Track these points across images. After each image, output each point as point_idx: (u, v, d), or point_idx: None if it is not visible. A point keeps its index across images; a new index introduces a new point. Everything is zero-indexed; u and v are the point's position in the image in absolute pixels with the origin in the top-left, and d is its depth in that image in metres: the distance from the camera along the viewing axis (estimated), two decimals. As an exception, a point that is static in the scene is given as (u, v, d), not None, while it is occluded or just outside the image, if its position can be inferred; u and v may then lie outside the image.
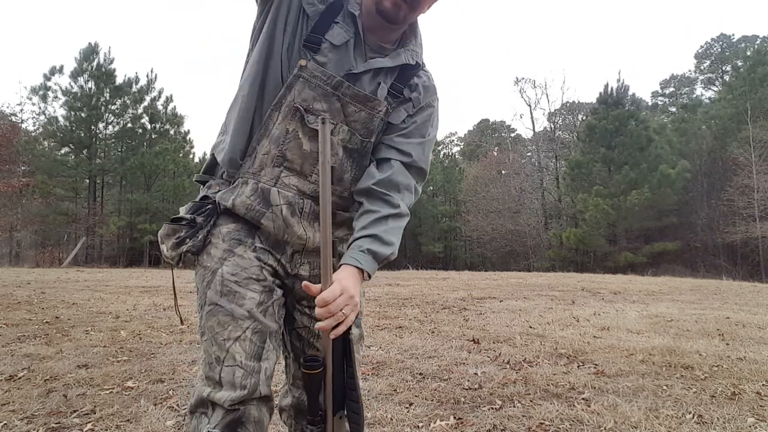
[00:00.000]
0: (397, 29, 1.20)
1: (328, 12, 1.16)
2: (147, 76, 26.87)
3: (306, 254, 1.20)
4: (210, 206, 1.17)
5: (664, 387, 2.87)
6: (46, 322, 4.93)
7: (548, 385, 2.93)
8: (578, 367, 3.35)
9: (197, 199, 1.21)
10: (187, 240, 1.13)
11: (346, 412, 1.05)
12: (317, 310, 0.99)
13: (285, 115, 1.14)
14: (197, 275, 1.17)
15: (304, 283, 1.04)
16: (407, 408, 2.55)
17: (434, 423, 2.36)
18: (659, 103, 44.52)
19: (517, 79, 36.43)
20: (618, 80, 26.56)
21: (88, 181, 25.96)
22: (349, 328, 1.04)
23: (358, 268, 1.08)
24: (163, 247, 1.15)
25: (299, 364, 1.23)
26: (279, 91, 1.14)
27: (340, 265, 1.08)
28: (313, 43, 1.14)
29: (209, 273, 1.13)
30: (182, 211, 1.18)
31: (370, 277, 1.10)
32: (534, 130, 36.16)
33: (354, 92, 1.15)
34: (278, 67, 1.16)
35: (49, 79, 24.59)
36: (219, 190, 1.17)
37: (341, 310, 1.00)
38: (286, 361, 1.31)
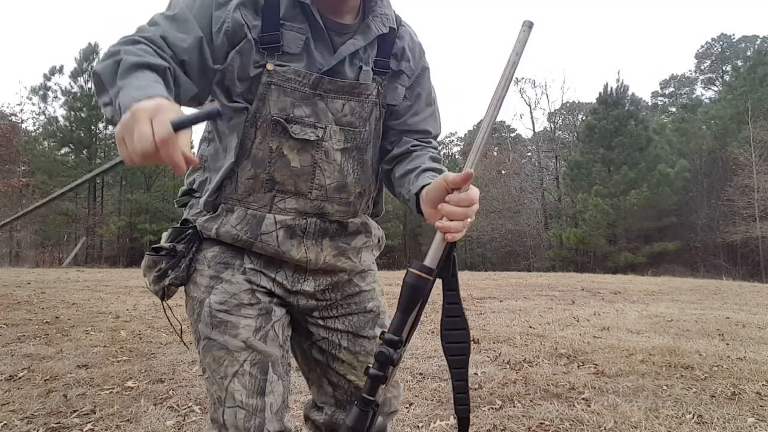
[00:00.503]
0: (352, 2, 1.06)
1: (267, 10, 1.01)
2: (147, 76, 26.83)
3: (310, 272, 1.10)
4: (191, 231, 1.08)
5: (664, 387, 2.87)
6: (46, 322, 4.93)
7: (548, 385, 2.93)
8: (578, 367, 3.36)
9: (178, 224, 1.11)
10: (169, 272, 1.04)
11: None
12: (457, 205, 0.86)
13: (264, 132, 1.02)
14: (187, 307, 1.09)
15: (452, 176, 0.88)
16: (407, 408, 2.55)
17: (434, 423, 2.36)
18: (659, 103, 44.51)
19: (517, 79, 36.39)
20: (617, 80, 26.64)
21: (88, 181, 25.95)
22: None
23: None
24: (146, 281, 1.07)
25: (347, 396, 1.15)
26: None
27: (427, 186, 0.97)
28: (271, 43, 1.00)
29: (197, 304, 1.04)
30: (162, 239, 1.09)
31: None
32: (534, 130, 36.18)
33: (336, 85, 1.04)
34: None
35: (49, 79, 24.68)
36: (200, 212, 1.08)
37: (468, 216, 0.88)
38: (308, 376, 1.21)
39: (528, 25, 0.89)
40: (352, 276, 1.16)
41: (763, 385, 2.88)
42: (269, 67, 1.00)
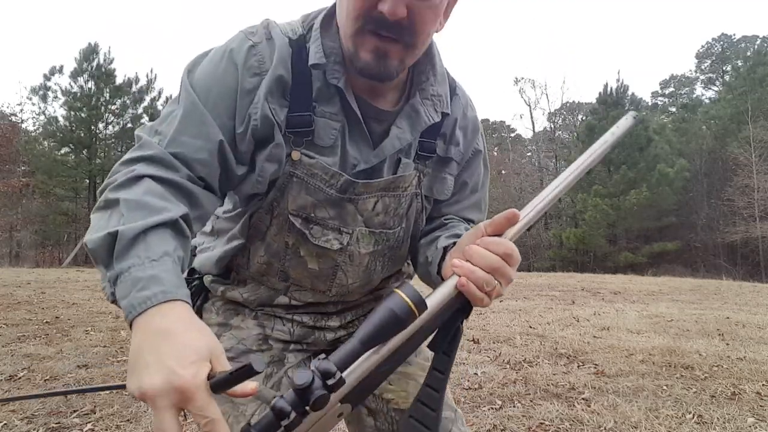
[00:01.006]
0: (395, 81, 0.86)
1: (297, 91, 0.82)
2: (147, 76, 26.90)
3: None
4: (197, 281, 0.98)
5: (664, 387, 2.87)
6: (46, 322, 4.93)
7: (548, 385, 2.92)
8: (578, 367, 3.35)
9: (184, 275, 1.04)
10: None
11: None
12: (485, 248, 0.67)
13: (280, 225, 0.87)
14: None
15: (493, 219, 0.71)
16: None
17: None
18: (659, 103, 44.52)
19: (517, 79, 36.48)
20: (617, 80, 26.63)
21: (88, 181, 25.95)
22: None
23: None
24: None
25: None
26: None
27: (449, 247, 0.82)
28: (300, 126, 0.82)
29: None
30: None
31: None
32: (534, 130, 36.22)
33: (369, 186, 0.85)
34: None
35: (49, 79, 24.63)
36: (208, 264, 0.96)
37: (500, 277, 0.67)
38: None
39: (633, 117, 0.81)
40: None
41: (763, 385, 2.88)
42: (294, 156, 0.82)
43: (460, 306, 0.68)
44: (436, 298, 0.66)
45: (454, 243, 0.81)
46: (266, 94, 0.80)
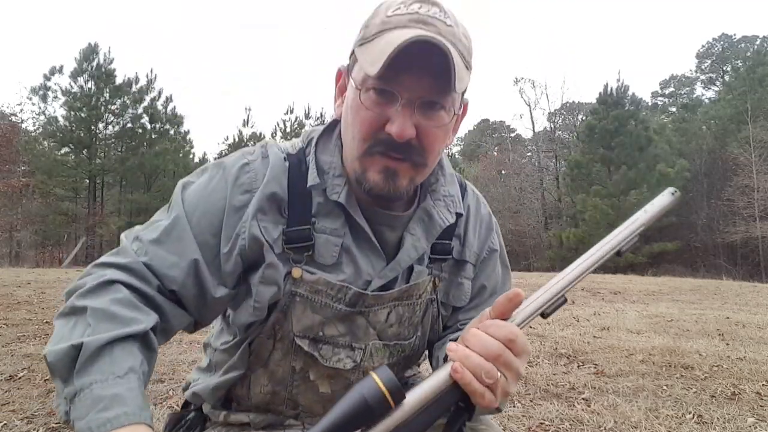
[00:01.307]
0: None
1: (295, 206, 0.78)
2: (147, 76, 26.87)
3: None
4: (191, 417, 0.92)
5: (664, 387, 2.87)
6: (46, 322, 4.93)
7: (548, 385, 2.93)
8: (578, 367, 3.36)
9: (180, 407, 0.95)
10: None
11: None
12: (485, 331, 0.59)
13: (286, 349, 0.81)
14: None
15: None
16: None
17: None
18: (659, 103, 44.53)
19: (517, 79, 36.46)
20: (618, 80, 26.64)
21: (88, 181, 25.97)
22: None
23: None
24: None
25: None
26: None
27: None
28: (300, 241, 0.78)
29: None
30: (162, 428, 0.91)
31: None
32: (534, 130, 36.21)
33: (382, 297, 0.81)
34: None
35: (49, 79, 24.63)
36: (204, 392, 0.89)
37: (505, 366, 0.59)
38: None
39: (671, 193, 0.73)
40: None
41: (763, 385, 2.88)
42: (295, 273, 0.77)
43: (460, 402, 0.57)
44: (423, 388, 0.56)
45: None
46: (256, 211, 0.77)
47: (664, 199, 0.72)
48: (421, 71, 0.68)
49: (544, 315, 0.63)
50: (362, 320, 0.81)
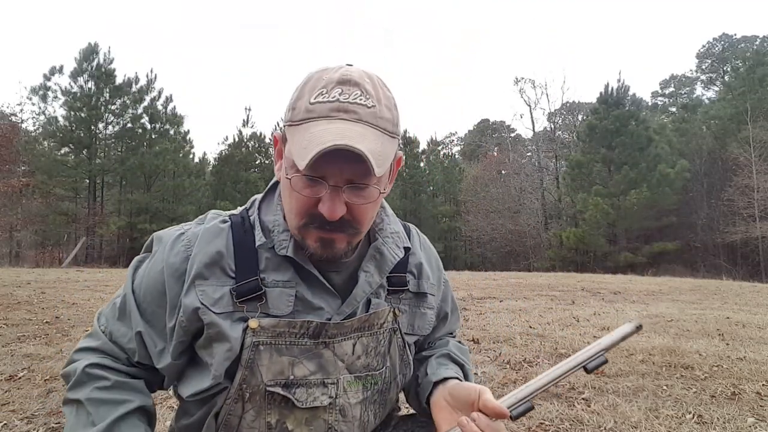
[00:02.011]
0: None
1: (243, 261, 0.81)
2: (147, 76, 26.86)
3: None
4: None
5: (664, 387, 2.87)
6: (46, 322, 4.93)
7: (548, 385, 2.92)
8: (578, 367, 3.36)
9: None
10: None
11: None
12: (481, 428, 0.74)
13: (259, 407, 0.81)
14: None
15: (489, 398, 0.77)
16: (407, 408, 2.55)
17: (434, 423, 2.36)
18: (659, 103, 44.54)
19: (517, 79, 36.43)
20: (618, 80, 26.56)
21: (88, 181, 25.95)
22: None
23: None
24: None
25: None
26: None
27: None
28: (251, 293, 0.80)
29: None
30: None
31: None
32: (534, 130, 36.19)
33: (343, 327, 0.83)
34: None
35: (49, 79, 24.62)
36: None
37: None
38: None
39: (635, 326, 0.83)
40: None
41: (763, 385, 2.88)
42: (252, 324, 0.78)
43: None
44: None
45: (444, 379, 0.88)
46: (194, 278, 0.80)
47: (627, 328, 0.82)
48: (344, 162, 0.71)
49: (512, 418, 0.76)
50: (329, 353, 0.82)
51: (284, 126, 0.80)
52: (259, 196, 0.90)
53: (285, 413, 0.81)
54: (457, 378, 0.89)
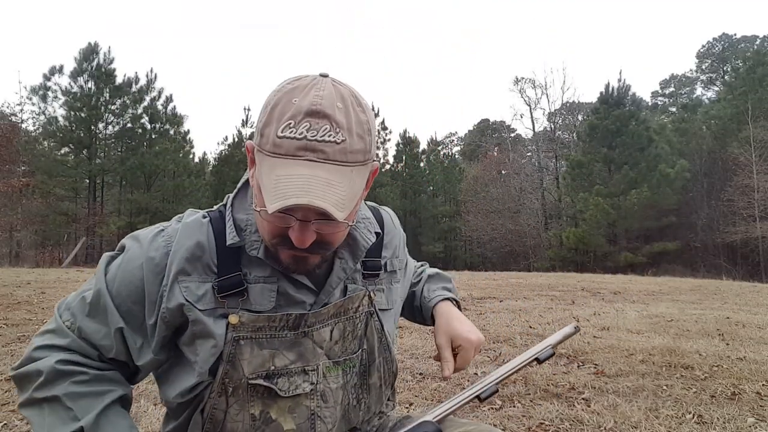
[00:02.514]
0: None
1: (224, 257, 0.82)
2: (147, 76, 26.86)
3: None
4: None
5: (664, 387, 2.87)
6: (46, 322, 4.93)
7: (548, 385, 2.92)
8: (578, 367, 3.36)
9: None
10: None
11: None
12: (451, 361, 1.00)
13: (242, 400, 0.82)
14: None
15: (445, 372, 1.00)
16: (407, 408, 2.55)
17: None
18: (659, 103, 44.54)
19: (517, 79, 36.43)
20: (619, 80, 26.54)
21: (88, 181, 25.96)
22: None
23: (446, 299, 1.09)
24: None
25: None
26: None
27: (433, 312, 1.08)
28: (233, 288, 0.81)
29: None
30: None
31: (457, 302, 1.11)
32: (534, 130, 36.19)
33: (321, 315, 0.85)
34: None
35: (49, 79, 24.63)
36: None
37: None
38: None
39: (575, 327, 1.06)
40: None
41: (763, 385, 2.88)
42: (233, 320, 0.80)
43: None
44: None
45: (440, 300, 1.09)
46: (177, 273, 0.80)
47: (568, 329, 1.05)
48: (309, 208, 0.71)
49: (480, 398, 0.92)
50: (308, 342, 0.84)
51: (254, 146, 0.78)
52: (232, 194, 0.90)
53: (268, 403, 0.83)
54: (449, 298, 1.09)
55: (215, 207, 0.90)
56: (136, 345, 0.82)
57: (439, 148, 38.26)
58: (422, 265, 1.22)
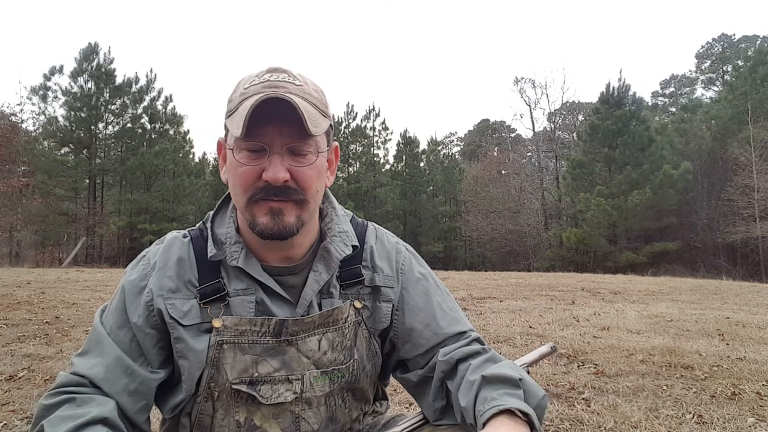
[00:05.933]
0: (297, 236, 0.85)
1: (204, 268, 0.86)
2: (147, 76, 26.86)
3: None
4: None
5: (664, 387, 2.86)
6: (46, 322, 4.93)
7: (548, 385, 2.92)
8: (578, 367, 3.35)
9: None
10: None
11: None
12: None
13: (227, 405, 0.84)
14: None
15: None
16: (407, 408, 2.55)
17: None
18: (659, 103, 44.52)
19: (517, 79, 36.42)
20: (619, 80, 26.49)
21: (88, 181, 25.95)
22: None
23: (509, 411, 0.71)
24: None
25: None
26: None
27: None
28: (215, 293, 0.84)
29: None
30: None
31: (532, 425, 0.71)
32: (534, 130, 36.17)
33: (303, 324, 0.85)
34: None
35: (49, 79, 24.61)
36: None
37: None
38: None
39: (551, 347, 1.02)
40: None
41: (763, 385, 2.87)
42: (216, 323, 0.82)
43: None
44: None
45: (495, 412, 0.71)
46: (160, 289, 0.84)
47: (545, 349, 1.02)
48: (280, 122, 0.77)
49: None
50: (293, 350, 0.85)
51: (224, 124, 0.84)
52: (211, 212, 0.94)
53: (252, 410, 0.84)
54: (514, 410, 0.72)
55: (197, 225, 0.94)
56: (139, 370, 0.84)
57: (439, 148, 38.25)
58: (474, 340, 0.96)
